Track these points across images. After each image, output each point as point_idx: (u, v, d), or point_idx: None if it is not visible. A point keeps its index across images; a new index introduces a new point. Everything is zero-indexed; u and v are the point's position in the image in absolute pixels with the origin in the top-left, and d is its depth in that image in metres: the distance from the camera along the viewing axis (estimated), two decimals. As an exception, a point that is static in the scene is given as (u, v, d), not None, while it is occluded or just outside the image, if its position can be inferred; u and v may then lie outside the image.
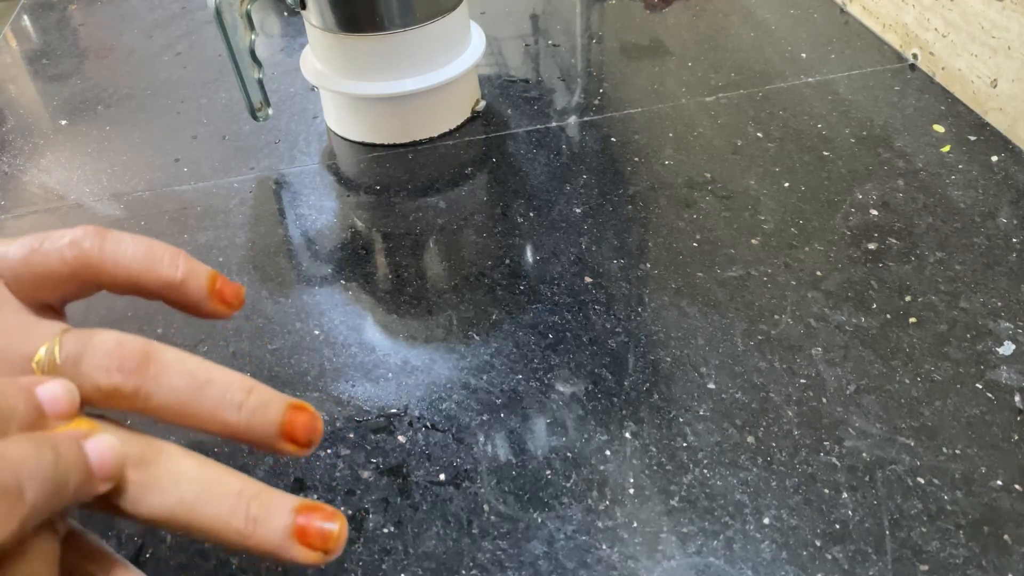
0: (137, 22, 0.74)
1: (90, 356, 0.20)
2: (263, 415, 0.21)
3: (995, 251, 0.42)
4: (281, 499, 0.20)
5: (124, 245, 0.22)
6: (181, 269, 0.22)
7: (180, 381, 0.20)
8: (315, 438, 0.22)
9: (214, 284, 0.23)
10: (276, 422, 0.21)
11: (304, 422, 0.21)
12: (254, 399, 0.21)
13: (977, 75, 0.52)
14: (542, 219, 0.47)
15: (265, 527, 0.20)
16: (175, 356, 0.21)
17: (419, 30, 0.49)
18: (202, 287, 0.23)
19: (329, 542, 0.20)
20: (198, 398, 0.20)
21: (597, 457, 0.34)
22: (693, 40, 0.64)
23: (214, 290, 0.23)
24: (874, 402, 0.35)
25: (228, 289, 0.23)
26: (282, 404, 0.21)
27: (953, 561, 0.30)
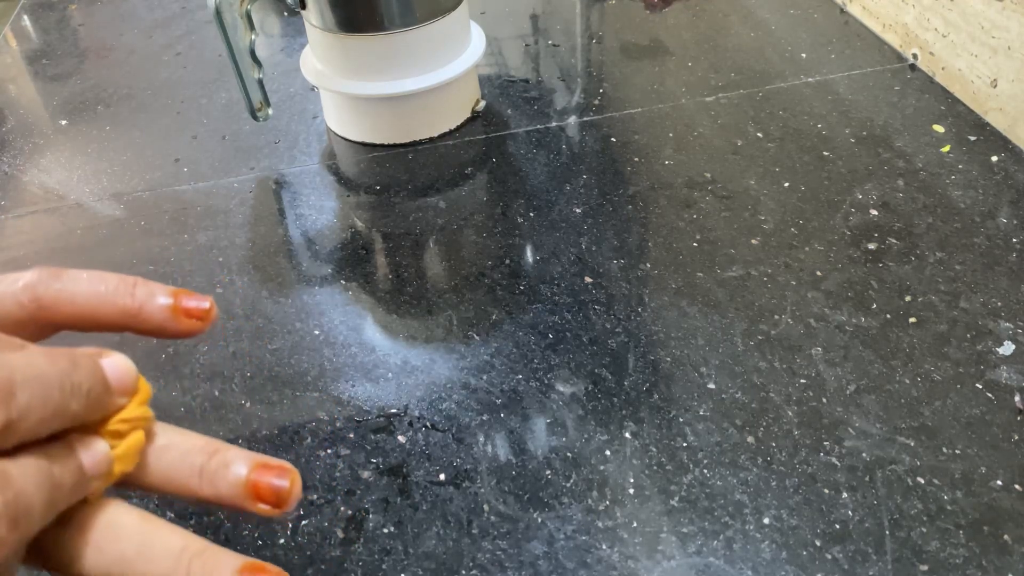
0: (137, 22, 0.74)
1: None
2: (223, 478, 0.20)
3: (995, 251, 0.42)
4: (225, 559, 0.20)
5: (78, 282, 0.22)
6: (138, 297, 0.22)
7: None
8: (284, 498, 0.21)
9: (177, 303, 0.22)
10: (240, 482, 0.20)
11: (268, 483, 0.21)
12: (216, 461, 0.20)
13: (977, 75, 0.52)
14: (542, 219, 0.47)
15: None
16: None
17: (419, 30, 0.49)
18: (163, 308, 0.22)
19: None
20: (157, 463, 0.20)
21: (597, 457, 0.34)
22: (693, 40, 0.64)
23: (178, 309, 0.22)
24: (874, 402, 0.35)
25: (193, 305, 0.23)
26: (245, 464, 0.21)
27: (953, 561, 0.30)
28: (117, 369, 0.20)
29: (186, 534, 0.20)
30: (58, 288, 0.21)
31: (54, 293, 0.21)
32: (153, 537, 0.20)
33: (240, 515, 0.33)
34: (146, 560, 0.19)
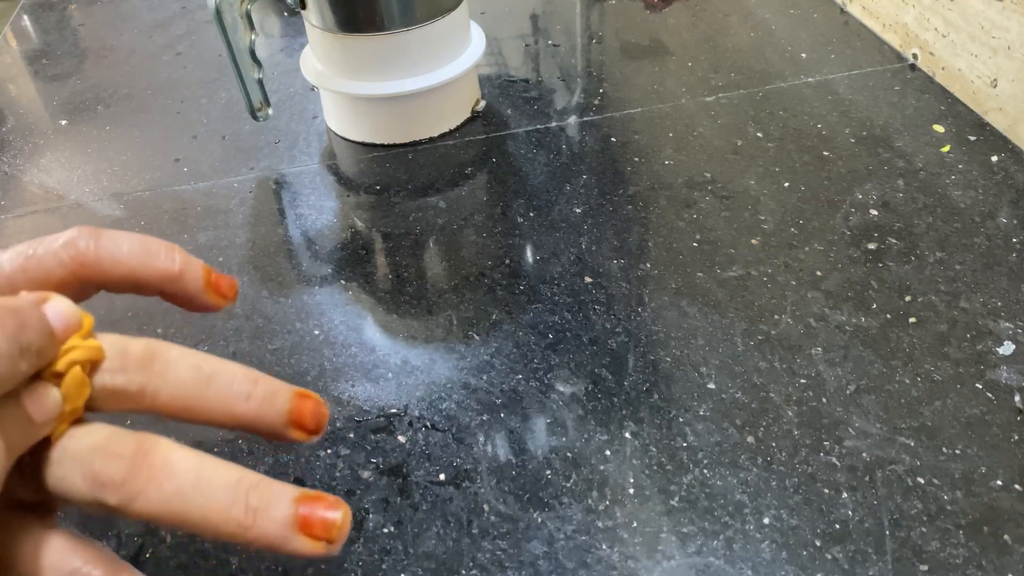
0: (137, 22, 0.74)
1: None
2: (271, 405, 0.21)
3: (995, 251, 0.42)
4: (281, 489, 0.20)
5: (119, 242, 0.22)
6: (178, 262, 0.22)
7: (186, 375, 0.20)
8: (322, 424, 0.22)
9: (209, 277, 0.23)
10: (284, 410, 0.21)
11: (311, 409, 0.22)
12: (261, 389, 0.21)
13: (977, 75, 0.52)
14: (542, 219, 0.47)
15: (265, 518, 0.19)
16: (179, 352, 0.21)
17: (419, 30, 0.49)
18: (198, 279, 0.23)
19: (332, 531, 0.20)
20: (205, 391, 0.20)
21: (597, 457, 0.34)
22: (693, 40, 0.64)
23: (210, 283, 0.23)
24: (874, 402, 0.35)
25: (223, 281, 0.24)
26: (288, 393, 0.21)
27: (953, 561, 0.30)
28: (61, 316, 0.19)
29: (240, 468, 0.20)
30: (99, 246, 0.22)
31: (95, 251, 0.22)
32: (209, 471, 0.20)
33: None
34: (203, 494, 0.19)
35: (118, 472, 0.19)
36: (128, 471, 0.19)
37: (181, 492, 0.19)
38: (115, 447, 0.20)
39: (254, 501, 0.20)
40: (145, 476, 0.19)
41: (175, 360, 0.21)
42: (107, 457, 0.19)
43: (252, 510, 0.19)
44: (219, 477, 0.20)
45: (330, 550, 0.20)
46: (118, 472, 0.19)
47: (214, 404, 0.21)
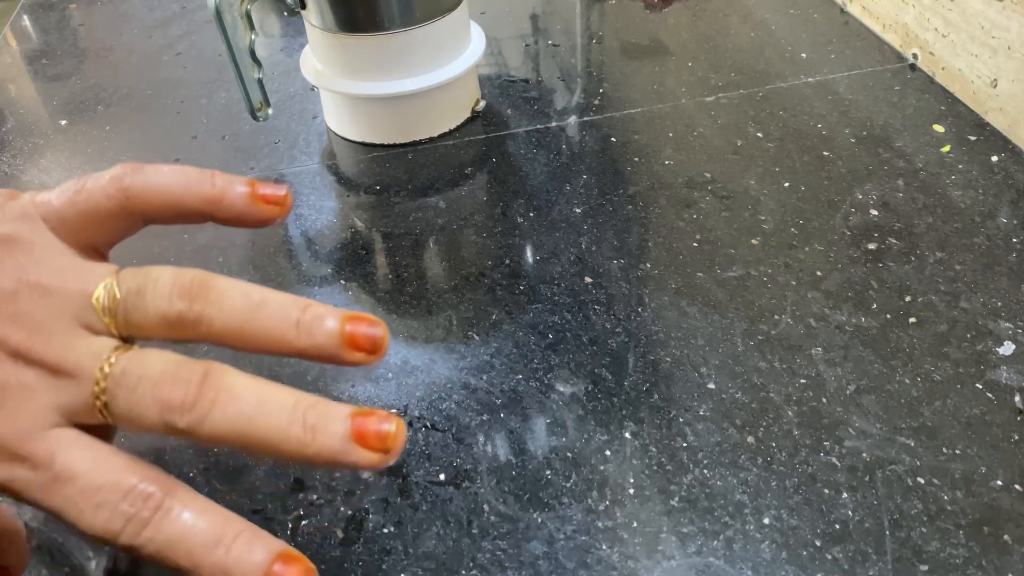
0: (137, 22, 0.74)
1: (151, 288, 0.21)
2: (320, 328, 0.21)
3: (995, 251, 0.42)
4: (337, 407, 0.21)
5: (161, 173, 0.23)
6: (218, 184, 0.24)
7: (238, 303, 0.21)
8: (379, 343, 0.22)
9: (254, 190, 0.24)
10: (335, 332, 0.22)
11: (363, 330, 0.22)
12: (309, 314, 0.22)
13: (977, 75, 0.52)
14: (542, 219, 0.47)
15: (324, 434, 0.20)
16: (229, 282, 0.22)
17: (419, 30, 0.49)
18: (243, 194, 0.24)
19: (388, 441, 0.21)
20: (256, 318, 0.21)
21: (597, 457, 0.34)
22: (693, 40, 0.64)
23: (255, 195, 0.24)
24: (874, 402, 0.35)
25: (269, 190, 0.24)
26: (338, 315, 0.22)
27: (953, 561, 0.30)
28: None
29: (297, 391, 0.21)
30: (143, 179, 0.23)
31: (140, 183, 0.23)
32: (269, 394, 0.21)
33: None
34: (265, 415, 0.20)
35: (187, 396, 0.20)
36: (196, 395, 0.20)
37: (244, 414, 0.20)
38: (182, 373, 0.20)
39: (312, 419, 0.20)
40: (211, 399, 0.20)
41: (227, 289, 0.21)
42: (175, 382, 0.20)
43: (311, 428, 0.20)
44: (279, 399, 0.21)
45: (386, 460, 0.21)
46: (187, 396, 0.20)
47: (266, 330, 0.21)
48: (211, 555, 0.20)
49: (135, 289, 0.21)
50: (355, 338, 0.22)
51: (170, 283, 0.21)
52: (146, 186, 0.23)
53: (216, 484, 0.34)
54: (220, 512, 0.21)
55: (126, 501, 0.20)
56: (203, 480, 0.34)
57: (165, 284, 0.21)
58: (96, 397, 0.20)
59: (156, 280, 0.21)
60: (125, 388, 0.20)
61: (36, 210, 0.23)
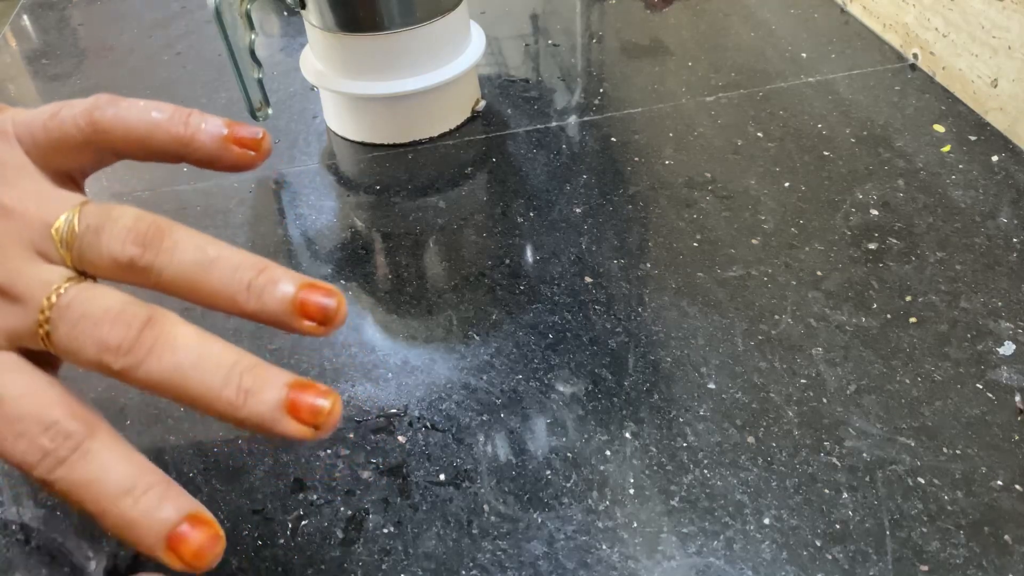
0: (137, 22, 0.74)
1: (109, 228, 0.20)
2: (272, 295, 0.21)
3: (995, 251, 0.42)
4: (275, 373, 0.21)
5: (134, 108, 0.22)
6: (190, 125, 0.22)
7: (190, 256, 0.21)
8: (331, 315, 0.21)
9: (231, 131, 0.23)
10: (287, 299, 0.21)
11: (317, 300, 0.21)
12: (263, 278, 0.21)
13: (977, 75, 0.51)
14: (542, 219, 0.47)
15: (256, 399, 0.20)
16: (187, 233, 0.21)
17: (419, 30, 0.49)
18: (215, 136, 0.23)
19: (320, 417, 0.20)
20: (208, 275, 0.21)
21: (597, 457, 0.34)
22: (693, 40, 0.64)
23: (229, 136, 0.23)
24: (874, 402, 0.35)
25: (245, 132, 0.23)
26: (295, 281, 0.21)
27: (953, 561, 0.30)
28: None
29: (239, 350, 0.21)
30: (114, 113, 0.22)
31: (110, 117, 0.22)
32: (209, 350, 0.20)
33: (240, 516, 0.33)
34: (201, 371, 0.20)
35: (125, 339, 0.20)
36: (134, 340, 0.20)
37: (180, 366, 0.20)
38: (125, 315, 0.20)
39: (247, 383, 0.20)
40: (148, 347, 0.20)
41: (181, 240, 0.21)
42: (115, 323, 0.20)
43: (244, 391, 0.20)
44: (218, 356, 0.20)
45: (317, 435, 0.20)
46: (125, 339, 0.20)
47: (215, 289, 0.21)
48: (117, 504, 0.19)
49: (94, 227, 0.21)
50: (306, 306, 0.21)
51: (127, 227, 0.21)
52: (116, 120, 0.22)
53: (216, 484, 0.34)
54: (138, 462, 0.20)
55: (47, 435, 0.19)
56: (203, 480, 0.34)
57: (122, 227, 0.21)
58: (40, 325, 0.20)
59: (116, 221, 0.21)
60: (67, 321, 0.20)
61: (13, 129, 0.22)
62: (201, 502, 0.21)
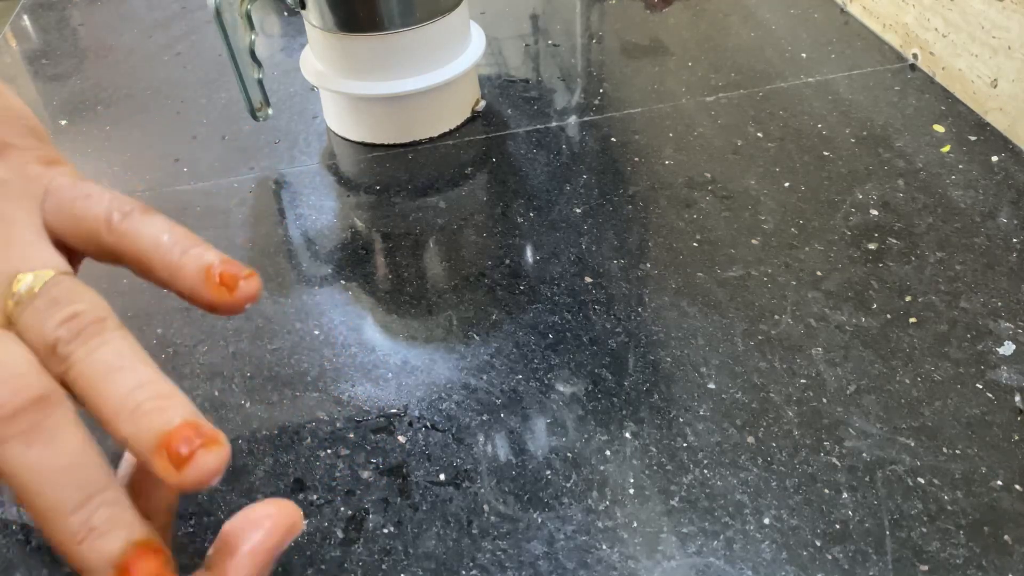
0: (137, 22, 0.74)
1: (60, 306, 0.19)
2: (150, 420, 0.18)
3: (995, 251, 0.42)
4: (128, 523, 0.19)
5: (151, 226, 0.22)
6: (185, 254, 0.21)
7: (106, 359, 0.19)
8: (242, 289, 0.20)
9: (214, 266, 0.21)
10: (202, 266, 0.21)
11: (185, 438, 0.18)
12: (156, 401, 0.19)
13: (977, 75, 0.51)
14: (542, 219, 0.47)
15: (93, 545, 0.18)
16: (120, 336, 0.20)
17: (419, 30, 0.49)
18: (199, 268, 0.21)
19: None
20: (108, 386, 0.19)
21: (597, 457, 0.34)
22: (693, 40, 0.64)
23: (211, 271, 0.21)
24: (874, 402, 0.35)
25: (228, 268, 0.21)
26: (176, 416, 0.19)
27: (953, 561, 0.30)
28: None
29: (111, 475, 0.18)
30: (134, 228, 0.22)
31: (128, 231, 0.22)
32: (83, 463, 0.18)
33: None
34: (61, 484, 0.18)
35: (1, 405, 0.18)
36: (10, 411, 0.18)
37: (42, 468, 0.18)
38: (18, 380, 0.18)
39: (98, 520, 0.18)
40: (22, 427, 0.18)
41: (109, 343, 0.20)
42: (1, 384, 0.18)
43: (89, 528, 0.18)
44: (85, 476, 0.18)
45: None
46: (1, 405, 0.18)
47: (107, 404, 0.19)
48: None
49: (52, 298, 0.19)
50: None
51: (75, 312, 0.19)
52: (128, 233, 0.21)
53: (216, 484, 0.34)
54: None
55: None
56: (203, 480, 0.34)
57: (71, 311, 0.19)
58: None
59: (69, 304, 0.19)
60: None
61: (47, 187, 0.22)
62: (201, 502, 0.21)
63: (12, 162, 0.22)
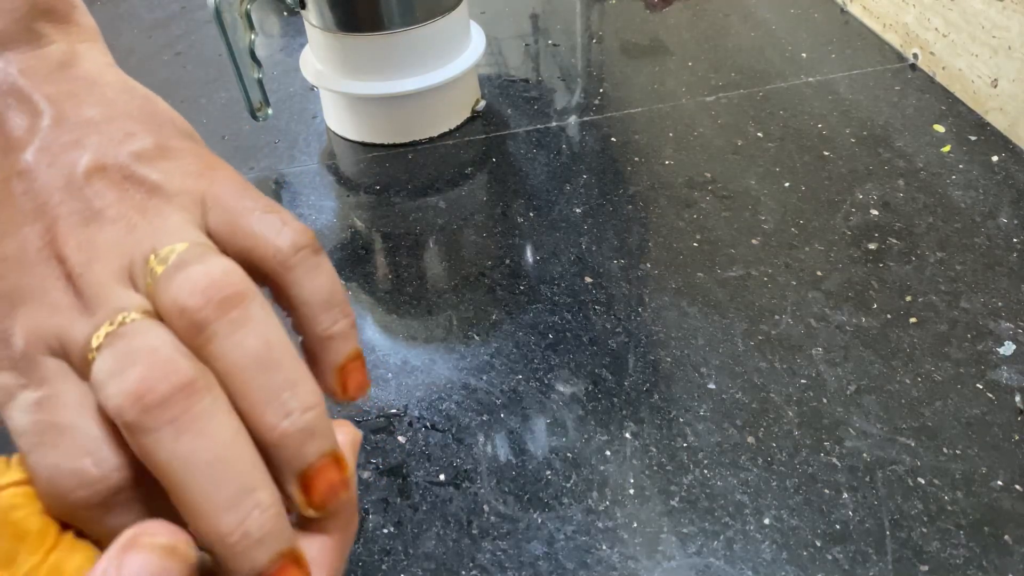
0: (137, 22, 0.74)
1: (190, 271, 0.18)
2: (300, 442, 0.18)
3: (995, 251, 0.42)
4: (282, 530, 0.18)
5: (318, 273, 0.21)
6: (343, 325, 0.21)
7: (251, 344, 0.18)
8: (329, 501, 0.19)
9: (343, 372, 0.21)
10: (305, 461, 0.18)
11: (328, 481, 0.18)
12: (306, 418, 0.18)
13: (977, 75, 0.51)
14: (542, 219, 0.47)
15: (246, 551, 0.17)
16: (264, 316, 0.18)
17: (419, 30, 0.49)
18: (332, 366, 0.21)
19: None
20: (253, 378, 0.18)
21: (597, 457, 0.34)
22: (693, 40, 0.64)
23: (341, 376, 0.21)
24: (874, 402, 0.35)
25: (355, 380, 0.21)
26: (323, 447, 0.18)
27: (954, 561, 0.30)
28: None
29: (267, 475, 0.18)
30: (299, 272, 0.20)
31: (292, 271, 0.20)
32: (237, 455, 0.17)
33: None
34: (212, 477, 0.17)
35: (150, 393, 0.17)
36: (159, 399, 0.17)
37: (192, 459, 0.17)
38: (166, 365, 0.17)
39: (252, 525, 0.17)
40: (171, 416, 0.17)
41: (257, 320, 0.18)
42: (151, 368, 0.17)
43: (243, 531, 0.17)
44: (240, 470, 0.17)
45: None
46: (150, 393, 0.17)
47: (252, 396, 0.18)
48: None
49: (180, 262, 0.18)
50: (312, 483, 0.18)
51: (206, 275, 0.18)
52: (292, 282, 0.20)
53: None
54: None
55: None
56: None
57: (202, 274, 0.18)
58: (89, 351, 0.18)
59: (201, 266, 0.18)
60: (113, 352, 0.18)
61: (207, 186, 0.20)
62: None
63: (171, 163, 0.21)
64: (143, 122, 0.21)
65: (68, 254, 0.19)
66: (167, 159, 0.21)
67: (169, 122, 0.22)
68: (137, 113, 0.21)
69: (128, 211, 0.20)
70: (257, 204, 0.20)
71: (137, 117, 0.21)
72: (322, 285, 0.21)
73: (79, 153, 0.20)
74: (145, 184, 0.20)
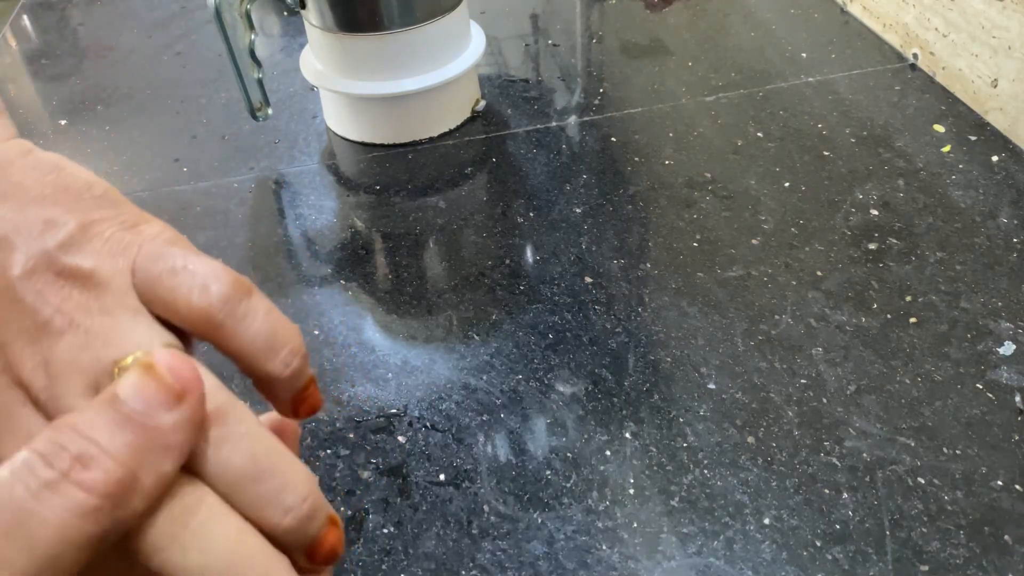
0: (137, 22, 0.74)
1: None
2: (304, 528, 0.19)
3: (995, 251, 0.42)
4: None
5: (251, 320, 0.20)
6: (291, 367, 0.21)
7: (238, 460, 0.18)
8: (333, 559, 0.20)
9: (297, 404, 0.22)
10: (310, 537, 0.19)
11: (331, 541, 0.19)
12: (306, 507, 0.19)
13: (977, 75, 0.51)
14: (542, 219, 0.47)
15: None
16: (247, 428, 0.19)
17: (419, 30, 0.49)
18: (285, 403, 0.21)
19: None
20: (249, 487, 0.18)
21: (597, 457, 0.34)
22: (693, 40, 0.64)
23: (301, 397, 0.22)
24: (874, 402, 0.35)
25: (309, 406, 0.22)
26: (322, 518, 0.19)
27: (954, 561, 0.30)
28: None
29: (280, 560, 0.18)
30: (230, 315, 0.20)
31: (221, 319, 0.20)
32: (244, 558, 0.18)
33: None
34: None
35: None
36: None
37: (207, 570, 0.17)
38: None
39: None
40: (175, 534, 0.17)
41: (238, 436, 0.19)
42: None
43: None
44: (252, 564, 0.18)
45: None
46: None
47: (249, 503, 0.18)
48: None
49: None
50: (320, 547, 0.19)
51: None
52: (225, 327, 0.20)
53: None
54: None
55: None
56: (203, 480, 0.34)
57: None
58: None
59: None
60: None
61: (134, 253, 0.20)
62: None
63: (97, 243, 0.20)
64: (59, 202, 0.20)
65: (27, 378, 0.18)
66: (92, 239, 0.20)
67: (84, 190, 0.21)
68: (51, 191, 0.20)
69: (74, 314, 0.19)
70: (177, 261, 0.20)
71: (51, 197, 0.20)
72: (258, 331, 0.21)
73: (4, 256, 0.19)
74: (78, 275, 0.19)
